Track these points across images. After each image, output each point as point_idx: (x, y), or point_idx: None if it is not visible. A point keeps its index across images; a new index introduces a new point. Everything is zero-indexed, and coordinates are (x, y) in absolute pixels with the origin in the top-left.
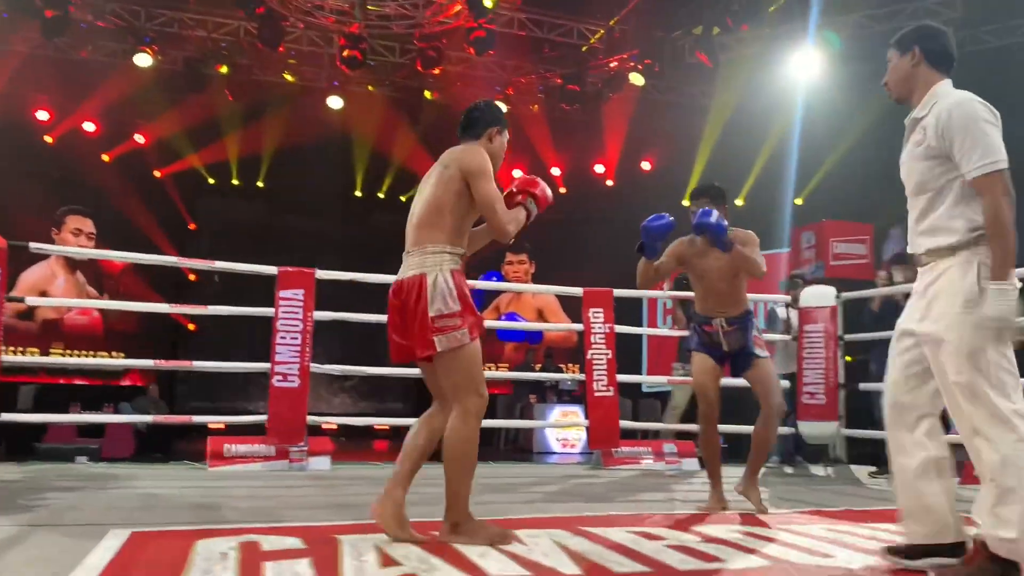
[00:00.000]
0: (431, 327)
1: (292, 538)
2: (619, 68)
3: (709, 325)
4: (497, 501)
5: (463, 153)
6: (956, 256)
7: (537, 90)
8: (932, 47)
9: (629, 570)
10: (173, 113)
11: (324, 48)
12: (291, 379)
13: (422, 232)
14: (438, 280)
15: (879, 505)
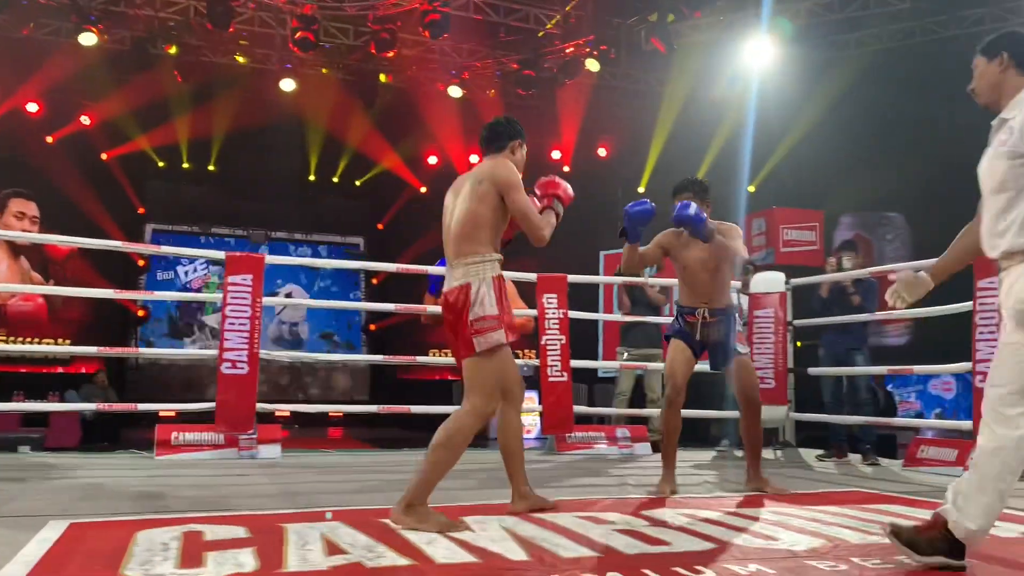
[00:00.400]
0: (470, 329)
1: (237, 527)
2: (575, 54)
3: (691, 315)
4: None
5: (495, 168)
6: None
7: (493, 75)
8: (1020, 51)
9: (575, 554)
10: (120, 94)
11: (276, 29)
12: (240, 366)
13: (463, 245)
14: (480, 289)
15: (824, 487)
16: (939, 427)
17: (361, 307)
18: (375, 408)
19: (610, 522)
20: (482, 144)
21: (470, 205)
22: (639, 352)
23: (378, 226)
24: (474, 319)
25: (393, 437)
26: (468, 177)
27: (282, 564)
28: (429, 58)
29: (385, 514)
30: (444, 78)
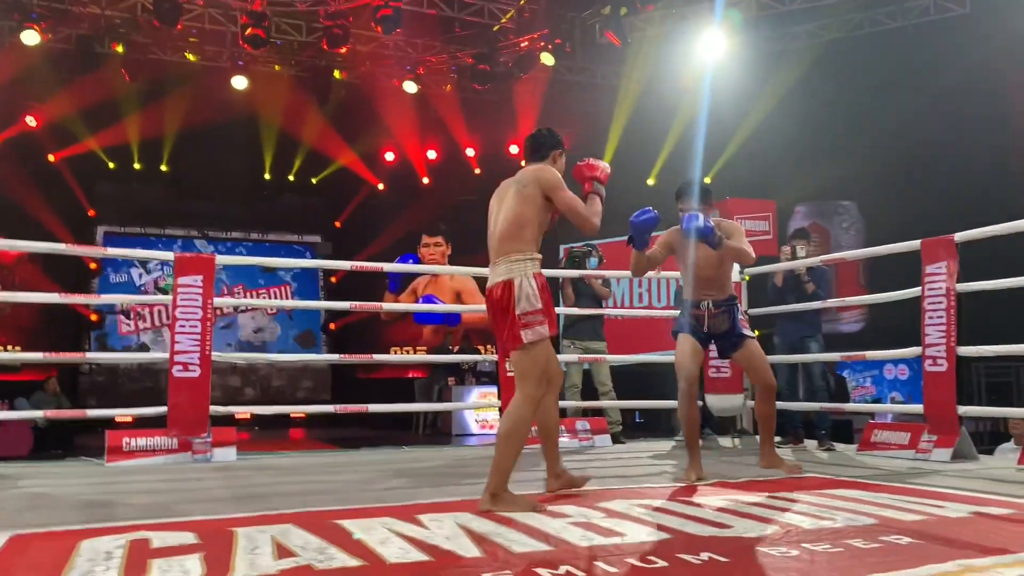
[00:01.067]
0: (519, 323)
1: (186, 533)
2: (530, 48)
3: (697, 308)
4: (404, 486)
5: (539, 172)
6: None
7: (449, 70)
8: None
9: (530, 549)
10: (66, 94)
11: (226, 26)
12: (192, 369)
13: (505, 244)
14: (523, 284)
15: (779, 473)
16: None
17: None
18: (331, 408)
19: (566, 515)
20: (526, 154)
21: (516, 207)
22: (583, 344)
23: (336, 224)
24: (521, 313)
25: (354, 436)
26: (512, 182)
27: (230, 569)
28: (383, 53)
29: (340, 515)
30: (399, 73)
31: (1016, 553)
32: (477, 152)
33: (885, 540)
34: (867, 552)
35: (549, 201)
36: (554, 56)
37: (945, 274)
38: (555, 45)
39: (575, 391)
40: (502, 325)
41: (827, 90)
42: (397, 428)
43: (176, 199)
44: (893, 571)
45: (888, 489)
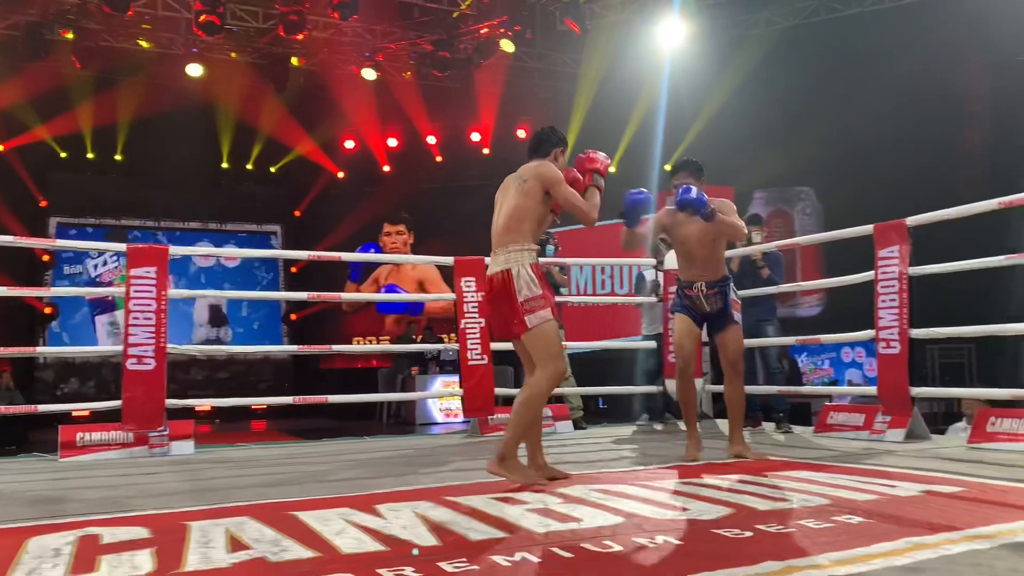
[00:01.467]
0: (522, 309)
1: (138, 528)
2: (490, 35)
3: (691, 289)
4: (364, 476)
5: (539, 168)
6: None
7: (408, 57)
8: None
9: (487, 536)
10: (15, 82)
11: (180, 13)
12: (146, 361)
13: (505, 236)
14: (521, 272)
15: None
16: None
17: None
18: (290, 399)
19: (525, 502)
20: (529, 151)
21: (517, 201)
22: None
23: (295, 213)
24: (523, 300)
25: (316, 428)
26: (514, 177)
27: (181, 564)
28: (341, 40)
29: (297, 507)
30: (357, 60)
31: (963, 530)
32: (438, 140)
33: (837, 520)
34: (819, 532)
35: (549, 196)
36: (514, 43)
37: (898, 258)
38: (515, 32)
39: None
40: (506, 312)
41: (784, 77)
42: (360, 418)
43: (131, 189)
44: (844, 550)
45: (842, 470)
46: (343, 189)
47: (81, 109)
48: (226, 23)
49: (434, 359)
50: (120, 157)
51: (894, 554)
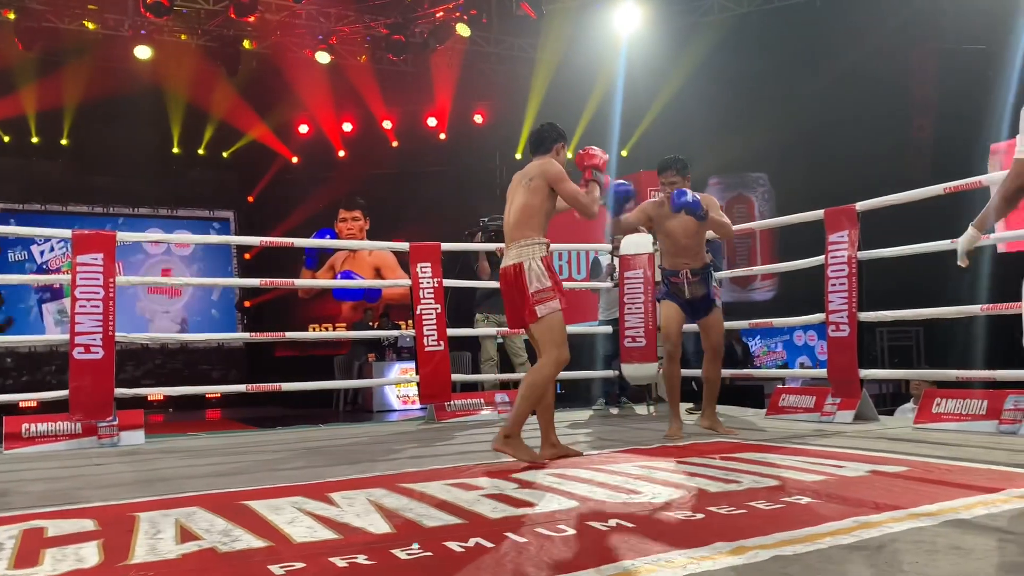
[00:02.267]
0: (532, 300)
1: (84, 520)
2: (445, 18)
3: (676, 277)
4: (318, 465)
5: (543, 166)
6: None
7: (363, 40)
8: None
9: (441, 523)
10: None
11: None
12: (94, 350)
13: (516, 231)
14: (532, 265)
15: (690, 439)
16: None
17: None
18: (243, 388)
19: (480, 488)
20: (531, 148)
21: (525, 198)
22: (497, 317)
23: (248, 199)
24: (534, 291)
25: (271, 416)
26: (521, 175)
27: (128, 556)
28: (294, 23)
29: (248, 496)
30: (311, 44)
31: (907, 508)
32: (394, 124)
33: (786, 500)
34: (769, 513)
35: (555, 191)
36: (470, 27)
37: (847, 243)
38: (471, 16)
39: (492, 364)
40: (518, 302)
41: (738, 63)
42: (317, 406)
43: (78, 174)
44: (792, 530)
45: (792, 451)
46: (297, 174)
47: (25, 92)
48: (175, 5)
49: (391, 345)
50: (66, 141)
51: (840, 533)
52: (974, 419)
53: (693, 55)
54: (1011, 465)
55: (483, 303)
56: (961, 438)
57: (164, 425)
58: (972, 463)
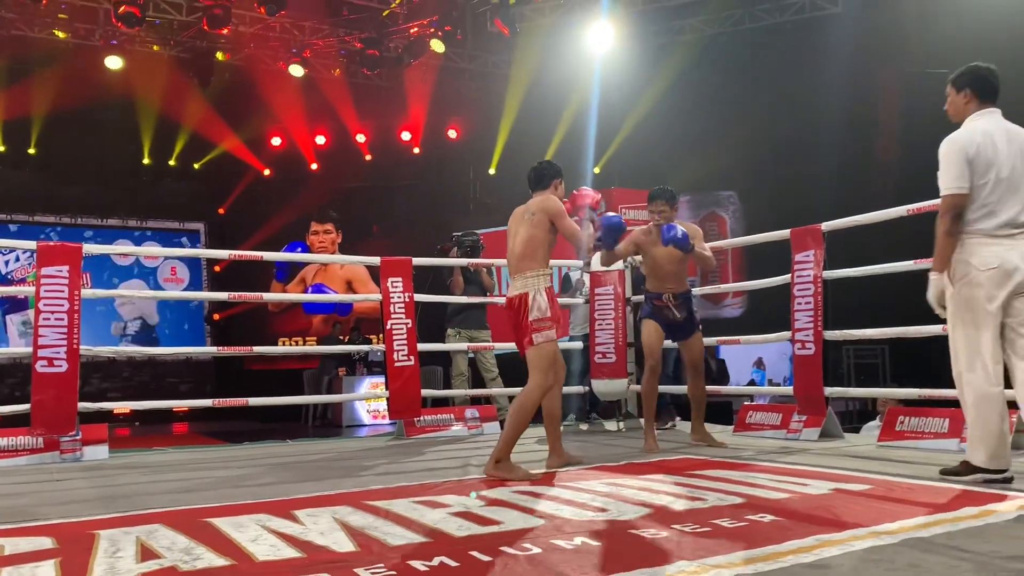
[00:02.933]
0: (531, 327)
1: (43, 538)
2: (420, 34)
3: (659, 299)
4: (284, 481)
5: (545, 202)
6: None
7: (337, 54)
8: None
9: (406, 541)
10: None
11: (98, 3)
12: (58, 364)
13: (522, 263)
14: (536, 296)
15: (657, 456)
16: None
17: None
18: (209, 402)
19: (447, 505)
20: (531, 184)
21: (528, 231)
22: (468, 332)
23: (219, 211)
24: (533, 320)
25: (239, 431)
26: (523, 210)
27: (87, 575)
28: (268, 36)
29: (212, 513)
30: (285, 56)
31: (869, 526)
32: (368, 138)
33: (751, 518)
34: (733, 530)
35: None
36: (444, 43)
37: (813, 262)
38: (445, 32)
39: (463, 379)
40: (520, 328)
41: (710, 83)
42: (286, 420)
43: (46, 184)
44: (756, 548)
45: (757, 468)
46: (269, 187)
47: None
48: (147, 15)
49: (361, 360)
50: (34, 151)
51: (802, 551)
52: (936, 437)
53: (665, 74)
54: (970, 484)
55: (454, 318)
56: (923, 456)
57: (129, 439)
58: (933, 482)
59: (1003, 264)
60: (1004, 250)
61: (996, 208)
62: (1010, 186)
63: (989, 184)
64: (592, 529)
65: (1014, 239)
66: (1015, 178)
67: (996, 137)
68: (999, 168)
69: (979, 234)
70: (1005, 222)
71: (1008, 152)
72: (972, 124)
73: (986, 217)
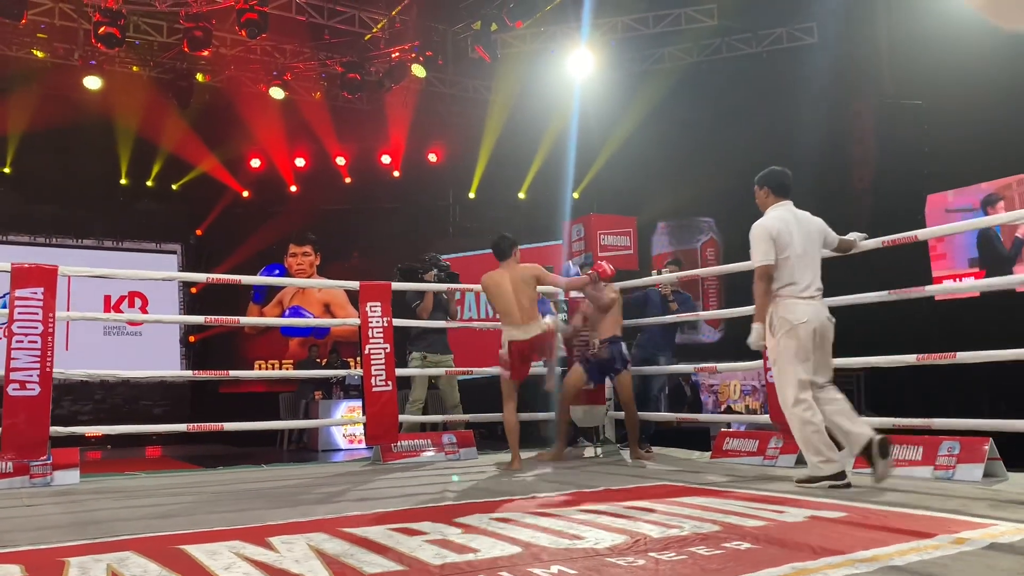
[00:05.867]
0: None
1: (11, 565)
2: (401, 59)
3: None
4: (258, 507)
5: (533, 272)
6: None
7: (318, 77)
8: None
9: (381, 569)
10: None
11: (78, 23)
12: (30, 387)
13: (530, 312)
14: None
15: (635, 483)
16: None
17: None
18: (183, 427)
19: (423, 532)
20: (498, 255)
21: (528, 292)
22: (435, 358)
23: (197, 232)
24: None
25: (213, 455)
26: (513, 278)
27: None
28: (249, 58)
29: (184, 539)
30: (265, 79)
31: (845, 554)
32: (348, 161)
33: (727, 546)
34: (709, 559)
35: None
36: (425, 68)
37: None
38: (426, 57)
39: (416, 406)
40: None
41: (687, 110)
42: (261, 444)
43: (20, 203)
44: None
45: (734, 495)
46: (248, 208)
47: None
48: (127, 36)
49: (339, 383)
50: (8, 170)
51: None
52: (911, 465)
53: (644, 102)
54: (944, 511)
55: (417, 341)
56: (898, 483)
57: (101, 463)
58: (908, 509)
59: (811, 319)
60: (811, 308)
61: (796, 278)
62: (802, 261)
63: (790, 259)
64: (569, 557)
65: (815, 299)
66: (806, 255)
67: (790, 223)
68: (794, 247)
69: (790, 296)
70: (805, 287)
71: (799, 234)
72: (773, 213)
73: (791, 284)
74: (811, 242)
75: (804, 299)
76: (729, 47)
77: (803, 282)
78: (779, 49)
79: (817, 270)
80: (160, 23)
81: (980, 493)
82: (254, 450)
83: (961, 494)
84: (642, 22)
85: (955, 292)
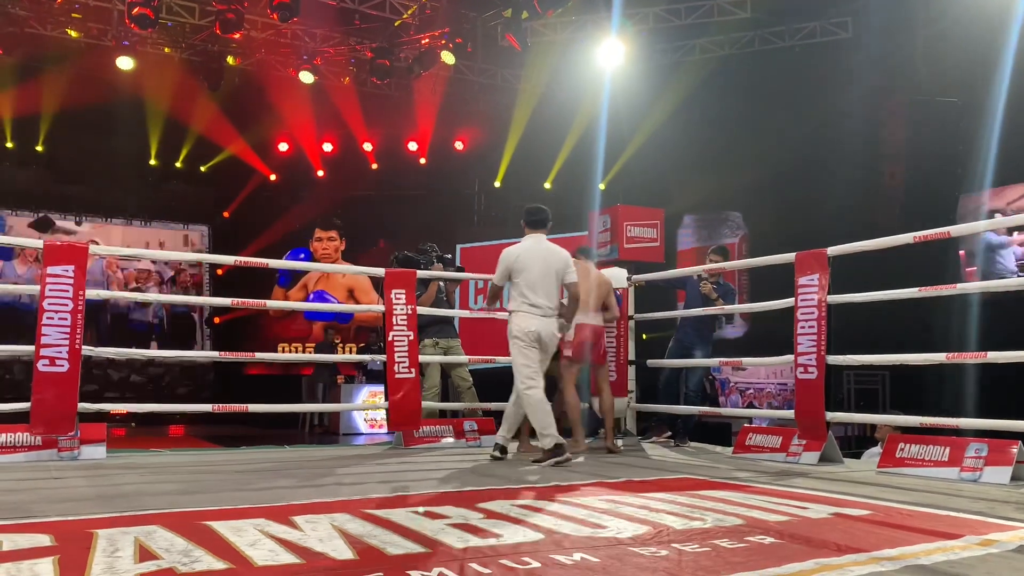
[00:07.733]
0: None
1: (41, 535)
2: (431, 45)
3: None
4: (282, 486)
5: (607, 280)
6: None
7: (347, 62)
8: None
9: (404, 551)
10: None
11: (113, 3)
12: (59, 363)
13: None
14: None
15: (657, 474)
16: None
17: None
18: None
19: (446, 516)
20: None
21: (601, 294)
22: (447, 343)
23: (224, 214)
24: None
25: (236, 435)
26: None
27: (85, 573)
28: (279, 42)
29: (210, 516)
30: (295, 63)
31: (869, 552)
32: (375, 147)
33: (750, 540)
34: (732, 552)
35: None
36: (455, 55)
37: (817, 286)
38: (456, 44)
39: (432, 392)
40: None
41: (717, 103)
42: (283, 426)
43: (52, 182)
44: (755, 570)
45: (757, 490)
46: (275, 192)
47: (2, 96)
48: (160, 17)
49: (361, 368)
50: (41, 148)
51: (802, 574)
52: (936, 465)
53: (674, 94)
54: (970, 512)
55: (429, 328)
56: (923, 484)
57: (126, 440)
58: (933, 509)
59: (536, 329)
60: (536, 321)
61: (531, 298)
62: (537, 284)
63: (527, 281)
64: (591, 545)
65: (545, 316)
66: (542, 281)
67: (533, 251)
68: (530, 272)
69: (524, 312)
70: (536, 305)
71: (538, 261)
72: (523, 242)
73: (526, 301)
74: (548, 270)
75: (535, 315)
76: (762, 40)
77: (536, 301)
78: (812, 43)
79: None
80: (192, 5)
81: (1008, 496)
82: (276, 431)
83: (988, 496)
84: (674, 13)
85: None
